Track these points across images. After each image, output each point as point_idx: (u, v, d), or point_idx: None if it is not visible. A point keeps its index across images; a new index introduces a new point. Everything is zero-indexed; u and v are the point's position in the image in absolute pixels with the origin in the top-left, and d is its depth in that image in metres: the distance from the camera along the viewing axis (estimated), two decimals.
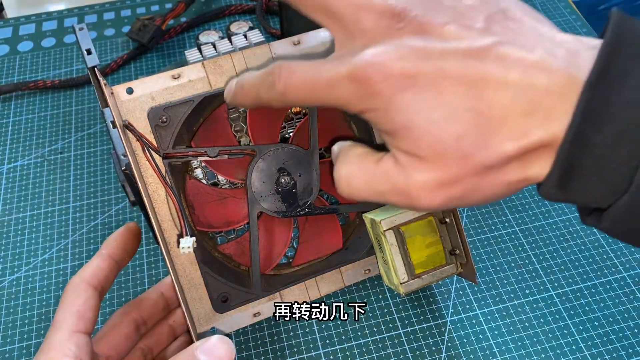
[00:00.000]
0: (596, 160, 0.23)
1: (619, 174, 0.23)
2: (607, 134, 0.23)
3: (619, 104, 0.23)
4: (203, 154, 0.37)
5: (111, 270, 0.34)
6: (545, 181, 0.25)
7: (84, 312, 0.31)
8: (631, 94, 0.22)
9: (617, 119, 0.23)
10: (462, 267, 0.38)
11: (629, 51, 0.23)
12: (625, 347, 0.42)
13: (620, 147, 0.23)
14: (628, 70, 0.23)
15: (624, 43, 0.23)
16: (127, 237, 0.35)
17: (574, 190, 0.24)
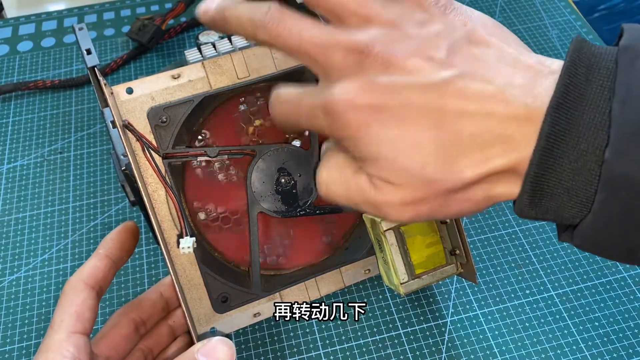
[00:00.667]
0: (562, 181, 0.24)
1: (584, 194, 0.24)
2: (571, 156, 0.24)
3: (579, 127, 0.24)
4: (203, 154, 0.37)
5: (109, 270, 0.34)
6: (518, 201, 0.26)
7: (82, 313, 0.31)
8: (590, 116, 0.24)
9: (579, 141, 0.24)
10: (462, 267, 0.38)
11: (586, 74, 0.24)
12: (625, 347, 0.42)
13: (583, 168, 0.24)
14: (586, 93, 0.24)
15: (581, 67, 0.24)
16: (124, 236, 0.35)
17: (545, 209, 0.26)
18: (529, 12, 0.69)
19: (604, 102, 0.24)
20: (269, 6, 0.28)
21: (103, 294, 0.34)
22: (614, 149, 0.23)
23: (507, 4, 0.71)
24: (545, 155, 0.24)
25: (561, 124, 0.24)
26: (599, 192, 0.24)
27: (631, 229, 0.24)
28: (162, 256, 0.47)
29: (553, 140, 0.24)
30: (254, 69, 0.37)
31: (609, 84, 0.24)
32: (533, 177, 0.25)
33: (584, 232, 0.25)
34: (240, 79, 0.37)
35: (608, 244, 0.26)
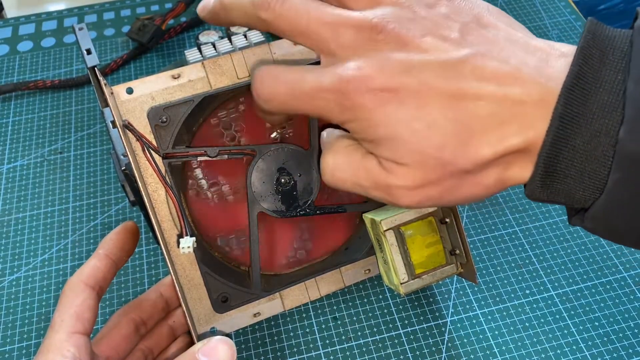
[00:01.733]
0: (575, 162, 0.24)
1: (596, 175, 0.24)
2: (584, 136, 0.24)
3: (593, 108, 0.24)
4: (203, 154, 0.37)
5: (109, 270, 0.34)
6: (529, 182, 0.26)
7: (82, 313, 0.31)
8: (604, 97, 0.24)
9: (592, 121, 0.24)
10: (462, 267, 0.38)
11: (600, 56, 0.24)
12: (625, 347, 0.42)
13: (597, 148, 0.24)
14: (600, 75, 0.24)
15: (596, 48, 0.24)
16: (124, 236, 0.35)
17: (557, 191, 0.25)
18: (529, 12, 0.69)
19: (618, 84, 0.23)
20: None
21: (103, 294, 0.34)
22: (629, 127, 0.23)
23: (507, 4, 0.71)
24: (558, 136, 0.24)
25: (575, 105, 0.24)
26: (612, 172, 0.24)
27: None
28: (162, 256, 0.47)
29: (567, 121, 0.24)
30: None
31: (624, 65, 0.24)
32: (545, 157, 0.24)
33: (596, 214, 0.25)
34: (241, 79, 0.37)
35: (621, 226, 0.25)
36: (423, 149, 0.26)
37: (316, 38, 0.27)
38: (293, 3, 0.27)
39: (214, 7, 0.30)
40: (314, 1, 0.27)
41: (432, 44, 0.26)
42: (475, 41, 0.26)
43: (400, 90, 0.25)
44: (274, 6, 0.27)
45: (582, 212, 0.26)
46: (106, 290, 0.34)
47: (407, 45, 0.26)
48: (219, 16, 0.30)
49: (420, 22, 0.26)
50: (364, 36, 0.26)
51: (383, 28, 0.26)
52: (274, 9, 0.27)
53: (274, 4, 0.27)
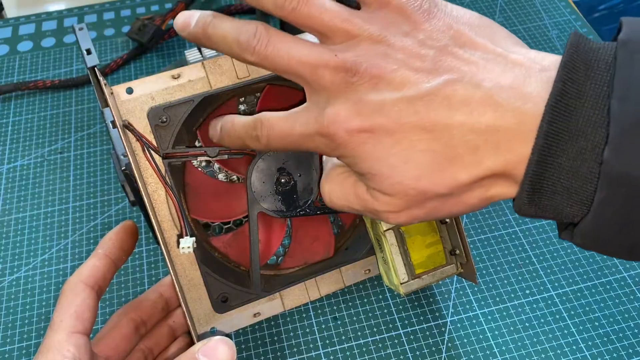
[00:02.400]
0: (561, 179, 0.24)
1: (583, 192, 0.24)
2: (569, 154, 0.24)
3: (578, 124, 0.24)
4: (203, 154, 0.37)
5: (108, 270, 0.34)
6: (517, 199, 0.26)
7: (82, 313, 0.31)
8: (589, 113, 0.24)
9: (577, 138, 0.24)
10: (462, 267, 0.38)
11: (585, 70, 0.24)
12: (625, 347, 0.42)
13: (582, 165, 0.24)
14: (584, 89, 0.24)
15: (580, 62, 0.24)
16: (123, 236, 0.35)
17: (545, 207, 0.26)
18: (529, 12, 0.69)
19: (602, 99, 0.23)
20: (256, 27, 0.28)
21: (103, 293, 0.33)
22: (613, 147, 0.23)
23: (507, 4, 0.71)
24: (544, 154, 0.24)
25: (559, 122, 0.24)
26: (598, 191, 0.24)
27: (632, 226, 0.24)
28: (162, 256, 0.47)
29: (551, 139, 0.24)
30: (254, 68, 0.37)
31: (608, 79, 0.23)
32: (532, 175, 0.25)
33: (584, 230, 0.25)
34: (241, 79, 0.37)
35: (609, 242, 0.26)
36: (402, 182, 0.27)
37: (299, 77, 0.28)
38: (275, 45, 0.28)
39: (196, 33, 0.30)
40: (296, 41, 0.28)
41: (404, 77, 0.26)
42: (448, 67, 0.26)
43: (375, 130, 0.27)
44: (258, 50, 0.28)
45: (571, 226, 0.26)
46: (105, 290, 0.34)
47: (379, 83, 0.27)
48: (200, 41, 0.31)
49: (393, 55, 0.27)
50: (340, 78, 0.27)
51: (357, 70, 0.27)
52: (259, 53, 0.28)
53: (258, 48, 0.28)
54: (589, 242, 0.26)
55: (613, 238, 0.25)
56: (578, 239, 0.26)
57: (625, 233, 0.25)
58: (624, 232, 0.25)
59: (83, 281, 0.32)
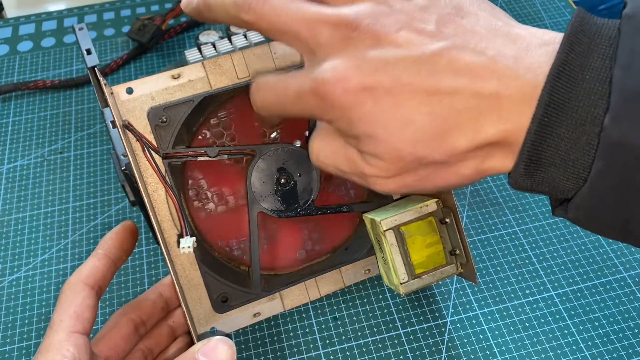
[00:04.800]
0: (559, 150, 0.24)
1: (580, 163, 0.24)
2: (569, 125, 0.24)
3: (579, 95, 0.23)
4: (203, 154, 0.37)
5: (108, 270, 0.34)
6: (513, 170, 0.26)
7: (82, 313, 0.31)
8: (590, 84, 0.23)
9: (578, 109, 0.23)
10: (463, 267, 0.38)
11: (588, 43, 0.24)
12: (625, 347, 0.42)
13: (582, 137, 0.24)
14: (587, 62, 0.23)
15: (583, 35, 0.24)
16: (123, 236, 0.35)
17: (541, 180, 0.25)
18: (529, 12, 0.69)
19: (605, 71, 0.23)
20: None
21: (102, 293, 0.33)
22: (614, 115, 0.23)
23: (507, 4, 0.71)
24: (543, 124, 0.24)
25: (561, 93, 0.23)
26: (596, 160, 0.23)
27: (628, 198, 0.24)
28: (162, 256, 0.47)
29: (552, 109, 0.24)
30: (254, 69, 0.37)
31: (611, 52, 0.23)
32: (530, 145, 0.24)
33: (579, 203, 0.25)
34: (241, 79, 0.37)
35: (603, 216, 0.25)
36: (399, 146, 0.26)
37: (296, 37, 0.27)
38: (273, 3, 0.28)
39: (198, 5, 0.31)
40: (294, 0, 0.28)
41: (407, 38, 0.26)
42: (452, 33, 0.26)
43: (375, 89, 0.26)
44: (254, 7, 0.28)
45: (565, 203, 0.26)
46: (105, 290, 0.34)
47: (381, 41, 0.26)
48: (203, 14, 0.31)
49: (395, 16, 0.26)
50: (339, 34, 0.26)
51: (358, 25, 0.26)
52: (255, 10, 0.28)
53: (255, 5, 0.28)
54: (583, 217, 0.26)
55: (608, 212, 0.25)
56: (572, 213, 0.25)
57: (620, 206, 0.24)
58: (619, 205, 0.24)
59: (83, 281, 0.32)
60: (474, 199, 0.52)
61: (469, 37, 0.25)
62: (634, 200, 0.24)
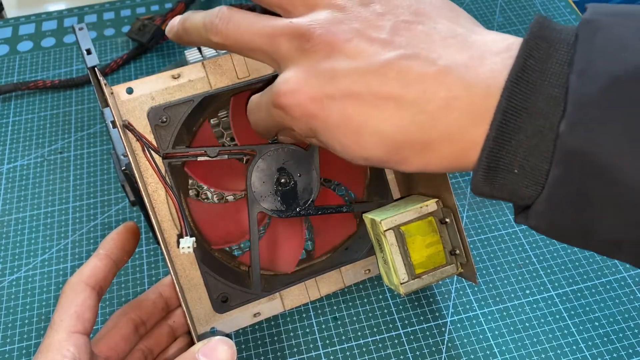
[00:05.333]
0: (517, 157, 0.24)
1: (538, 171, 0.24)
2: (527, 132, 0.23)
3: (538, 102, 0.23)
4: (203, 154, 0.37)
5: (109, 270, 0.34)
6: (473, 176, 0.25)
7: (82, 313, 0.31)
8: (549, 91, 0.23)
9: (536, 116, 0.23)
10: (463, 267, 0.38)
11: (547, 49, 0.23)
12: (625, 347, 0.42)
13: (540, 144, 0.23)
14: (546, 67, 0.23)
15: (543, 41, 0.24)
16: (124, 237, 0.35)
17: (500, 186, 0.25)
18: (529, 12, 0.69)
19: (563, 77, 0.23)
20: (220, 8, 0.29)
21: (103, 294, 0.33)
22: (569, 122, 0.22)
23: (507, 4, 0.71)
24: (501, 130, 0.23)
25: (519, 98, 0.23)
26: (553, 167, 0.23)
27: (586, 207, 0.23)
28: (162, 256, 0.47)
29: (510, 115, 0.23)
30: (254, 69, 0.37)
31: (569, 58, 0.23)
32: (489, 152, 0.24)
33: (538, 211, 0.24)
34: (241, 79, 0.37)
35: (563, 224, 0.25)
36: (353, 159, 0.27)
37: (262, 52, 0.28)
38: (236, 21, 0.28)
39: (178, 30, 0.32)
40: (257, 16, 0.28)
41: (359, 47, 0.26)
42: (404, 41, 0.25)
43: (324, 102, 0.26)
44: (220, 28, 0.28)
45: (526, 210, 0.26)
46: (106, 291, 0.34)
47: (333, 52, 0.26)
48: (183, 38, 0.32)
49: (349, 24, 0.26)
50: (295, 45, 0.27)
51: (310, 35, 0.26)
52: (221, 31, 0.28)
53: (220, 25, 0.28)
54: (543, 224, 0.25)
55: (567, 220, 0.24)
56: (532, 221, 0.25)
57: (579, 215, 0.24)
58: (578, 213, 0.24)
59: (84, 281, 0.32)
60: (474, 199, 0.52)
61: (422, 46, 0.25)
62: (591, 208, 0.23)
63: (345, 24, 0.26)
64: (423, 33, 0.26)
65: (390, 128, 0.25)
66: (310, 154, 0.39)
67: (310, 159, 0.39)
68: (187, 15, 0.32)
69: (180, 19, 0.32)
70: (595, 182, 0.23)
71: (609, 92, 0.22)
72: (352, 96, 0.25)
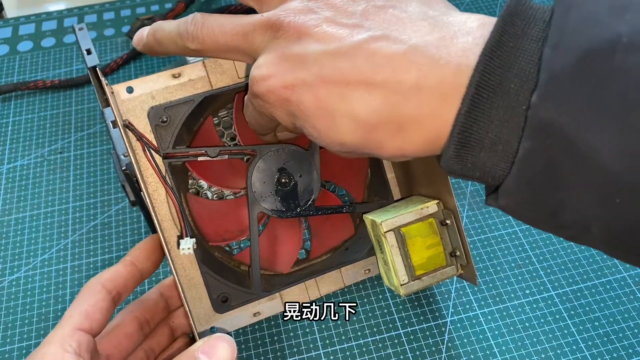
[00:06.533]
0: (489, 132, 0.24)
1: (509, 146, 0.23)
2: (499, 106, 0.23)
3: (511, 76, 0.23)
4: (203, 154, 0.37)
5: (132, 277, 0.34)
6: (444, 153, 0.25)
7: (92, 313, 0.31)
8: (522, 66, 0.23)
9: (509, 91, 0.23)
10: (463, 269, 0.38)
11: (521, 27, 0.23)
12: (625, 347, 0.42)
13: (512, 119, 0.23)
14: (519, 44, 0.23)
15: (518, 18, 0.24)
16: (151, 246, 0.35)
17: (471, 164, 0.25)
18: None
19: (537, 53, 0.23)
20: (193, 15, 0.29)
21: (121, 300, 0.33)
22: (541, 93, 0.22)
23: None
24: (474, 105, 0.23)
25: (493, 74, 0.23)
26: (523, 141, 0.23)
27: (555, 184, 0.23)
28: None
29: (483, 89, 0.23)
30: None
31: (544, 35, 0.23)
32: (461, 127, 0.24)
33: (508, 188, 0.24)
34: (241, 78, 0.37)
35: (531, 203, 0.24)
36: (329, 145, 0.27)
37: (239, 51, 0.28)
38: (210, 25, 0.28)
39: (148, 41, 0.32)
40: (229, 17, 0.28)
41: (328, 32, 0.26)
42: (375, 24, 0.25)
43: (296, 86, 0.26)
44: (195, 34, 0.29)
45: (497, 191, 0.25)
46: (125, 298, 0.34)
47: (303, 36, 0.26)
48: (154, 49, 0.32)
49: (320, 11, 0.26)
50: (268, 36, 0.27)
51: (281, 24, 0.26)
52: (197, 36, 0.29)
53: (194, 32, 0.29)
54: (513, 203, 0.25)
55: (536, 198, 0.24)
56: (502, 200, 0.25)
57: (548, 192, 0.24)
58: (547, 190, 0.24)
59: (101, 283, 0.32)
60: (474, 199, 0.52)
61: (393, 28, 0.25)
62: (561, 185, 0.23)
63: (315, 12, 0.26)
64: (394, 16, 0.26)
65: (363, 110, 0.25)
66: (311, 154, 0.39)
67: (311, 159, 0.39)
68: (156, 26, 0.32)
69: (150, 29, 0.32)
70: (564, 156, 0.22)
71: (579, 66, 0.22)
72: (323, 79, 0.25)
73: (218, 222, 0.39)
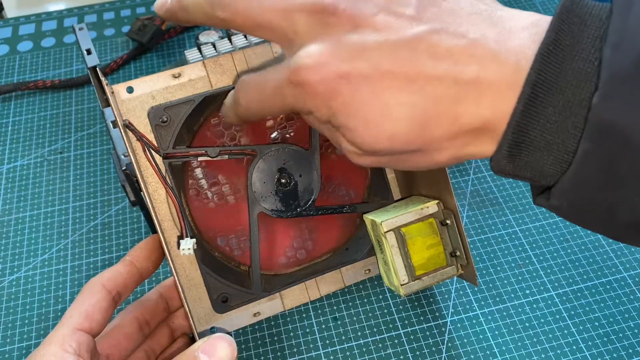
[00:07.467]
0: (545, 132, 0.23)
1: (566, 146, 0.23)
2: (556, 106, 0.23)
3: (568, 75, 0.23)
4: (204, 154, 0.37)
5: (131, 277, 0.33)
6: (496, 153, 0.25)
7: (92, 313, 0.31)
8: (579, 65, 0.23)
9: (566, 90, 0.23)
10: (463, 269, 0.38)
11: (579, 24, 0.23)
12: (625, 347, 0.42)
13: (568, 118, 0.23)
14: (578, 42, 0.23)
15: (574, 15, 0.23)
16: (151, 246, 0.35)
17: (524, 164, 0.24)
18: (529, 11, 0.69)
19: (595, 52, 0.23)
20: None
21: (121, 300, 0.33)
22: (603, 94, 0.22)
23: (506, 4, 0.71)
24: (530, 104, 0.23)
25: (549, 72, 0.23)
26: (582, 142, 0.23)
27: (613, 185, 0.23)
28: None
29: (540, 88, 0.23)
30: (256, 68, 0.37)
31: (602, 33, 0.23)
32: (515, 126, 0.24)
33: (562, 189, 0.24)
34: None
35: (587, 201, 0.24)
36: (377, 140, 0.26)
37: (273, 29, 0.27)
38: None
39: (172, 6, 0.30)
40: None
41: (386, 22, 0.25)
42: (432, 16, 0.25)
43: (353, 76, 0.25)
44: (229, 3, 0.27)
45: (547, 191, 0.25)
46: (126, 298, 0.34)
47: (360, 26, 0.25)
48: (177, 15, 0.30)
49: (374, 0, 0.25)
50: (316, 20, 0.25)
51: (335, 10, 0.25)
52: (229, 5, 0.27)
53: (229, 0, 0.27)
54: (566, 203, 0.25)
55: (592, 198, 0.24)
56: (555, 200, 0.25)
57: (606, 191, 0.23)
58: (605, 189, 0.23)
59: (102, 283, 0.32)
60: (474, 199, 0.52)
61: (449, 21, 0.25)
62: (619, 187, 0.23)
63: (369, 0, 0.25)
64: (448, 9, 0.25)
65: (419, 102, 0.25)
66: (311, 154, 0.39)
67: (311, 159, 0.39)
68: None
69: None
70: (625, 158, 0.22)
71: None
72: (382, 70, 0.25)
73: (218, 222, 0.39)
